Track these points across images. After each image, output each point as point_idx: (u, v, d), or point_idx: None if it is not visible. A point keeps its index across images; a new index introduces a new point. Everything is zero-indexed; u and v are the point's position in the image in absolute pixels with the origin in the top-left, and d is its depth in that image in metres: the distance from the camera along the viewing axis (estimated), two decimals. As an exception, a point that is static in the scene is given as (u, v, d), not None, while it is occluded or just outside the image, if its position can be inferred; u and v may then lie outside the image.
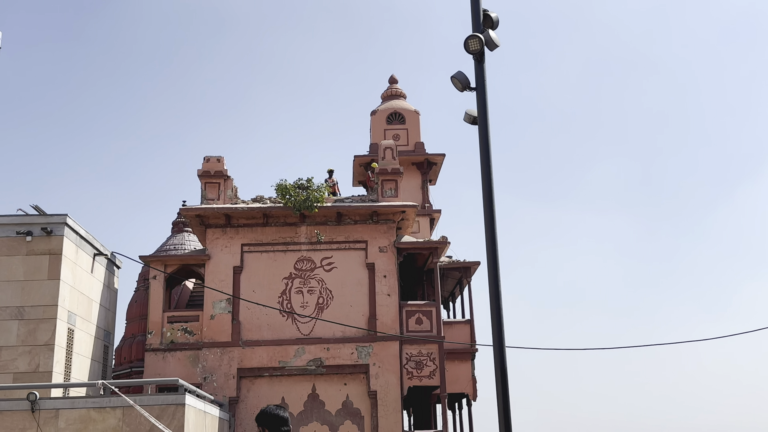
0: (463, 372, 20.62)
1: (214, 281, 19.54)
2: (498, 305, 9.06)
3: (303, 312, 19.50)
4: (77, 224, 16.87)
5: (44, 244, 16.10)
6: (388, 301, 19.66)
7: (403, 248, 20.14)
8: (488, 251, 9.26)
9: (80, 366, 16.96)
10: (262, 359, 19.12)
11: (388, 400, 18.97)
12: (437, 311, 19.91)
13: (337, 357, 19.19)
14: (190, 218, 20.02)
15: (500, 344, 8.92)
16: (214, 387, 18.74)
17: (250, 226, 20.09)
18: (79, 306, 16.95)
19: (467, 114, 9.73)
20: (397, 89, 27.88)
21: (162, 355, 19.13)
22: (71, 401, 13.58)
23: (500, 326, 9.00)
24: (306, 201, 19.53)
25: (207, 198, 20.12)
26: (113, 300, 19.51)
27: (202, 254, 19.95)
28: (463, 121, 9.82)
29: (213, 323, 19.35)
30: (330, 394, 19.20)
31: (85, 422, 13.19)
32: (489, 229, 9.28)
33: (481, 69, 9.60)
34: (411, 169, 25.67)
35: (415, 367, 19.33)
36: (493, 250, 9.22)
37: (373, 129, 26.68)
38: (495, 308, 9.05)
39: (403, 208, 20.09)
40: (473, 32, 9.46)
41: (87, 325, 17.49)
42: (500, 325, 9.00)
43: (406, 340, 19.43)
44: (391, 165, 20.83)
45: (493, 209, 9.32)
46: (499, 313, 9.04)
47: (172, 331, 19.36)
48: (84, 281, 17.37)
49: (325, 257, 20.01)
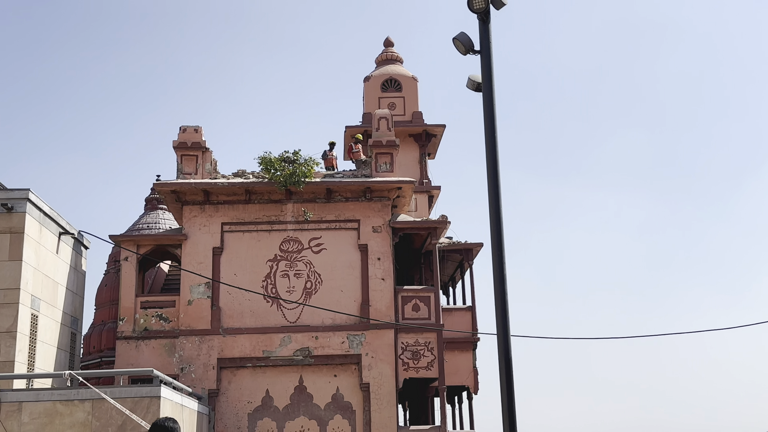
0: (463, 363, 20.73)
1: (192, 263, 19.53)
2: (502, 290, 9.07)
3: (289, 297, 19.53)
4: (41, 200, 16.79)
5: (4, 221, 16.03)
6: (382, 285, 19.70)
7: (398, 228, 20.14)
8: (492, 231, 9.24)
9: (45, 355, 16.97)
10: (245, 348, 19.17)
11: (382, 393, 19.07)
12: (436, 297, 19.96)
13: (327, 346, 19.26)
14: (165, 194, 19.96)
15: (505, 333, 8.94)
16: (192, 378, 18.80)
17: (231, 203, 20.04)
18: (43, 290, 16.92)
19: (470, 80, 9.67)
20: (393, 53, 27.73)
21: (135, 343, 19.15)
22: (35, 393, 13.59)
23: (505, 313, 9.01)
24: (292, 176, 19.47)
25: (184, 172, 20.04)
26: (81, 283, 19.48)
27: (179, 234, 19.92)
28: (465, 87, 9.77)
29: (191, 309, 19.37)
30: (319, 386, 19.29)
31: (51, 416, 13.22)
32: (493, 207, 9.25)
33: (486, 30, 9.53)
34: (408, 141, 25.60)
35: (412, 357, 19.42)
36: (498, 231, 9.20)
37: (366, 97, 26.56)
38: (499, 294, 9.06)
39: (399, 185, 20.07)
40: (478, -11, 9.37)
41: (52, 311, 17.48)
42: (505, 311, 9.01)
43: (402, 328, 19.50)
44: (386, 137, 20.77)
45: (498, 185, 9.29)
46: (503, 299, 9.04)
47: (145, 318, 19.37)
48: (49, 263, 17.33)
49: (314, 238, 20.00)
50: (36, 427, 13.17)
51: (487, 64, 9.53)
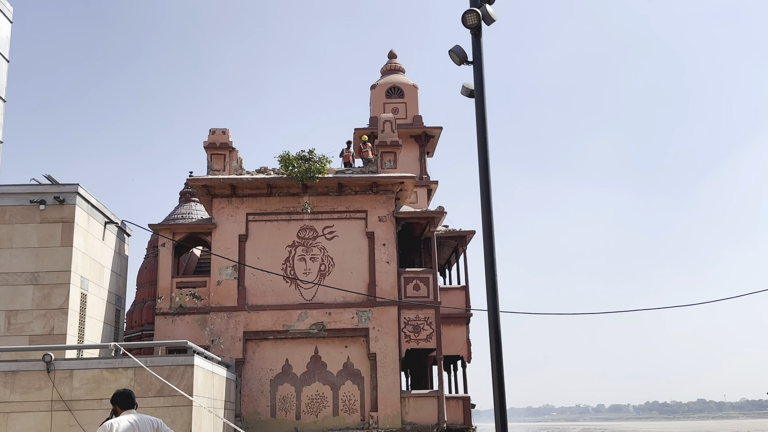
0: (458, 335, 20.73)
1: (221, 249, 19.55)
2: (492, 271, 9.06)
3: (306, 278, 19.54)
4: (88, 193, 16.81)
5: (57, 212, 16.06)
6: (387, 268, 19.69)
7: (401, 218, 20.11)
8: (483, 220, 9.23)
9: (93, 329, 17.03)
10: (267, 323, 19.20)
11: (387, 362, 19.09)
12: (434, 278, 19.94)
13: (339, 321, 19.27)
14: (196, 188, 19.95)
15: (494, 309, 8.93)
16: (221, 349, 18.85)
17: (255, 196, 20.03)
18: (91, 272, 16.96)
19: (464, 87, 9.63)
20: (396, 64, 27.63)
21: (171, 318, 19.20)
22: (85, 362, 13.64)
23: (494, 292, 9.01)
24: (308, 172, 19.45)
25: (213, 169, 20.03)
26: (124, 266, 19.52)
27: (209, 223, 19.93)
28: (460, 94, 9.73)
29: (220, 289, 19.40)
30: (332, 356, 19.31)
31: (98, 382, 13.28)
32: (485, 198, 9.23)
33: (478, 43, 9.48)
34: (409, 141, 25.55)
35: (413, 330, 19.43)
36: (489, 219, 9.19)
37: (373, 103, 26.49)
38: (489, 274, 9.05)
39: (401, 179, 20.02)
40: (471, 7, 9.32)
41: (99, 290, 17.52)
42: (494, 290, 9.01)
43: (404, 305, 19.50)
44: (390, 138, 20.72)
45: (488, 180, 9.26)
46: (493, 279, 9.04)
47: (180, 296, 19.41)
48: (96, 248, 17.36)
49: (327, 226, 19.99)
50: (85, 391, 13.23)
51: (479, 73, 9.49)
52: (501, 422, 8.72)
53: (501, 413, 8.72)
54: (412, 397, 19.13)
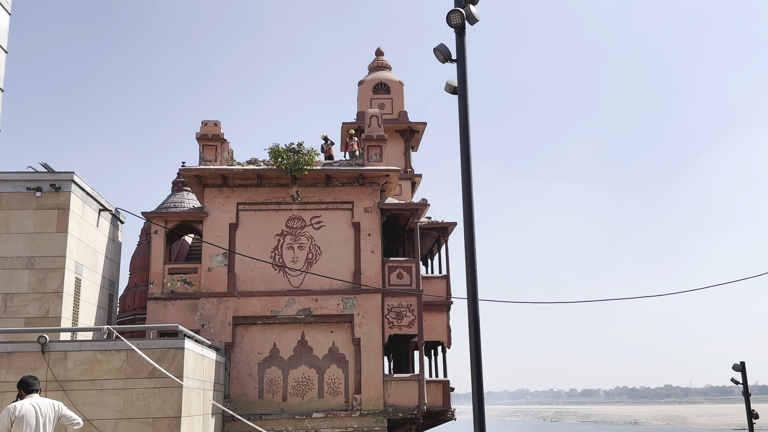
0: (439, 322, 20.81)
1: (212, 237, 19.46)
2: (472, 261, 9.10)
3: (293, 266, 19.51)
4: (83, 181, 16.66)
5: (53, 199, 15.91)
6: (371, 257, 19.70)
7: (386, 209, 20.12)
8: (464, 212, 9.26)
9: (87, 312, 16.91)
10: (256, 308, 19.17)
11: (371, 347, 19.14)
12: (416, 267, 19.99)
13: (325, 307, 19.28)
14: (189, 178, 19.83)
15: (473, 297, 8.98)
16: (211, 333, 18.80)
17: (245, 186, 19.94)
18: (85, 257, 16.83)
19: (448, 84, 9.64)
20: (383, 61, 27.56)
21: (163, 303, 19.11)
22: (79, 344, 13.56)
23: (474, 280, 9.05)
24: (296, 164, 19.39)
25: (205, 159, 19.91)
26: (117, 252, 19.39)
27: (201, 212, 19.82)
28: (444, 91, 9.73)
29: (210, 275, 19.32)
30: (318, 340, 19.33)
31: (92, 363, 13.21)
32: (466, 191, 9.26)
33: (462, 42, 9.48)
34: (395, 136, 25.53)
35: (396, 317, 19.48)
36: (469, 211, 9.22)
37: (360, 98, 26.43)
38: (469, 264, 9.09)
39: (387, 172, 20.02)
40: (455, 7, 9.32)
41: (93, 275, 17.40)
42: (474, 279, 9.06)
43: (388, 292, 19.54)
44: (376, 132, 20.69)
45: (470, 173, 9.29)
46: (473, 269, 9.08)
47: (172, 282, 19.32)
48: (90, 234, 17.23)
49: (315, 216, 19.96)
50: (79, 372, 13.15)
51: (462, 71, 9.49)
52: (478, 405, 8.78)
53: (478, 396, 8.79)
54: (394, 381, 19.20)
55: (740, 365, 22.15)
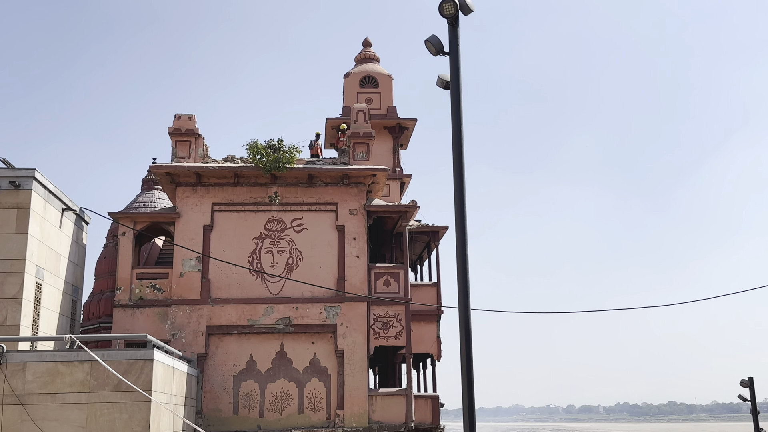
0: (428, 333, 20.85)
1: (184, 239, 19.40)
2: (464, 268, 9.14)
3: (272, 272, 19.49)
4: (46, 179, 16.55)
5: (12, 197, 15.79)
6: (357, 262, 19.72)
7: (373, 211, 20.15)
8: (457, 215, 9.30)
9: (48, 320, 16.79)
10: (231, 317, 19.12)
11: (355, 359, 19.14)
12: (405, 274, 20.03)
13: (306, 316, 19.27)
14: (160, 176, 19.76)
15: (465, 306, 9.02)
16: (182, 343, 18.73)
17: (221, 186, 19.90)
18: (47, 260, 16.72)
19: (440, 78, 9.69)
20: (371, 52, 27.60)
21: (130, 311, 19.02)
22: (39, 354, 13.46)
23: (466, 289, 9.09)
24: (277, 162, 19.38)
25: (178, 156, 19.86)
26: (82, 256, 19.27)
27: (172, 212, 19.76)
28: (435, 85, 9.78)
29: (182, 281, 19.26)
30: (298, 352, 19.31)
31: (53, 375, 13.11)
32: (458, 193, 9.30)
33: (455, 34, 9.54)
34: (383, 133, 25.58)
35: (382, 327, 19.50)
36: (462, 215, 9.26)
37: (346, 92, 26.45)
38: (461, 271, 9.13)
39: (374, 172, 20.05)
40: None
41: (55, 280, 17.28)
42: (466, 287, 9.09)
43: (374, 301, 19.56)
44: (363, 128, 20.72)
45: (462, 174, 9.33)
46: (465, 276, 9.12)
47: (140, 288, 19.23)
48: (52, 236, 17.11)
49: (296, 218, 19.95)
50: (39, 385, 13.06)
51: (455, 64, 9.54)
52: (469, 422, 8.82)
53: (469, 413, 8.82)
54: (379, 396, 19.21)
55: (748, 381, 22.38)
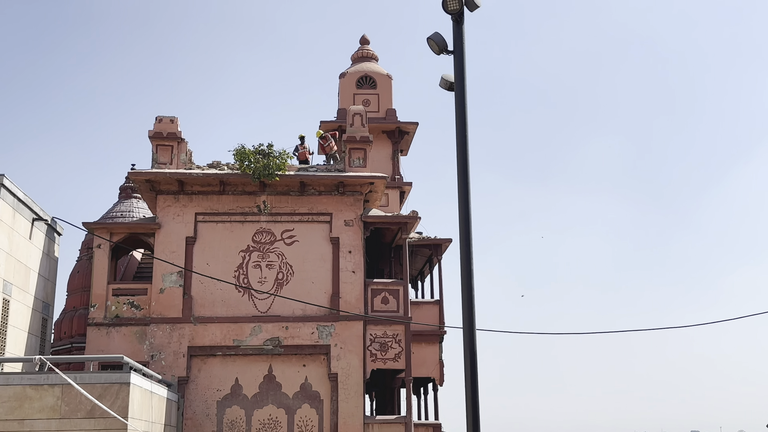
0: (430, 355, 20.81)
1: (165, 252, 19.37)
2: (469, 285, 9.12)
3: (261, 288, 19.45)
4: (15, 186, 16.54)
5: (-23, 206, 15.75)
6: (352, 278, 19.70)
7: (370, 222, 20.15)
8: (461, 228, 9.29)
9: (16, 340, 16.73)
10: (215, 337, 19.07)
11: (350, 384, 19.09)
12: (405, 290, 20.00)
13: (297, 336, 19.22)
14: (139, 183, 19.76)
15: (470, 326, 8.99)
16: (162, 366, 18.67)
17: (206, 194, 19.90)
18: (15, 275, 16.68)
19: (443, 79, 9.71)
20: (369, 51, 27.69)
21: (106, 330, 18.96)
22: (5, 377, 13.40)
23: (471, 307, 9.07)
24: (266, 168, 19.38)
25: (158, 162, 19.86)
26: (53, 269, 19.23)
27: (152, 223, 19.74)
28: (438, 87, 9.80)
29: (162, 297, 19.22)
30: (288, 375, 19.25)
31: (21, 400, 13.05)
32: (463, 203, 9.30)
33: (460, 31, 9.56)
34: (381, 137, 25.61)
35: (380, 348, 19.46)
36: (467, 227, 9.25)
37: (341, 93, 26.52)
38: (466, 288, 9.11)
39: (371, 180, 20.06)
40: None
41: (24, 296, 17.23)
42: (471, 306, 9.07)
43: (371, 320, 19.52)
44: (359, 133, 20.75)
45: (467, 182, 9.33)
46: (470, 294, 9.10)
47: (117, 305, 19.18)
48: (21, 248, 17.08)
49: (286, 230, 19.94)
50: (5, 410, 12.99)
51: (459, 64, 9.57)
52: (474, 453, 8.77)
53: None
54: (376, 423, 19.15)
55: (778, 408, 22.30)
